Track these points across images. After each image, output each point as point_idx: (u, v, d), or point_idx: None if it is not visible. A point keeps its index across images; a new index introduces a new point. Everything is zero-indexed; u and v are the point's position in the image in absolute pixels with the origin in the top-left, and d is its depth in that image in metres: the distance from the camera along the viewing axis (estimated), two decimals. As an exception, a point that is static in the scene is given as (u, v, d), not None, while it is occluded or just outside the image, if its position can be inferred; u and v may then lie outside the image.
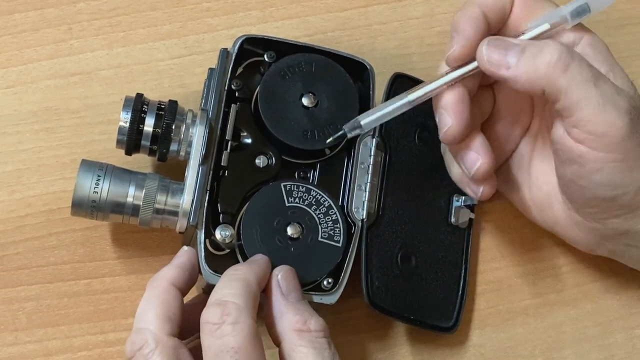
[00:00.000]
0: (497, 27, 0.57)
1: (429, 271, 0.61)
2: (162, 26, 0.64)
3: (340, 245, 0.57)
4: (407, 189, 0.61)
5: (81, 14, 0.64)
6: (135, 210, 0.55)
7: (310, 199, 0.57)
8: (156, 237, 0.60)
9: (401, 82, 0.62)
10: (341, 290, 0.56)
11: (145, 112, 0.56)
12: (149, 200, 0.55)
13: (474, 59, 0.56)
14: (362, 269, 0.58)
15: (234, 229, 0.56)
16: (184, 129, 0.56)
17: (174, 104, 0.57)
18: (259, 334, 0.50)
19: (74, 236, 0.60)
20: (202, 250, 0.55)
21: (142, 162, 0.60)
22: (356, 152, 0.59)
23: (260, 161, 0.58)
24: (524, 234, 0.65)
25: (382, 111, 0.56)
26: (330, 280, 0.56)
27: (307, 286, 0.56)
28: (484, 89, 0.60)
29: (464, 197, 0.61)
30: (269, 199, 0.57)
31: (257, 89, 0.59)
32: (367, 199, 0.59)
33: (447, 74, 0.56)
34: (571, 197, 0.58)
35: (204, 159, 0.56)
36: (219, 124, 0.57)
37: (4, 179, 0.60)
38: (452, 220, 0.62)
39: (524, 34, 0.56)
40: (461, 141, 0.56)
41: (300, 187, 0.57)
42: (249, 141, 0.58)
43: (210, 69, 0.59)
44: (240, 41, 0.59)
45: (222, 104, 0.58)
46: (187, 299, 0.55)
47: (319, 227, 0.57)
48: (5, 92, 0.62)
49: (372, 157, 0.59)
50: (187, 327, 0.53)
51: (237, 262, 0.56)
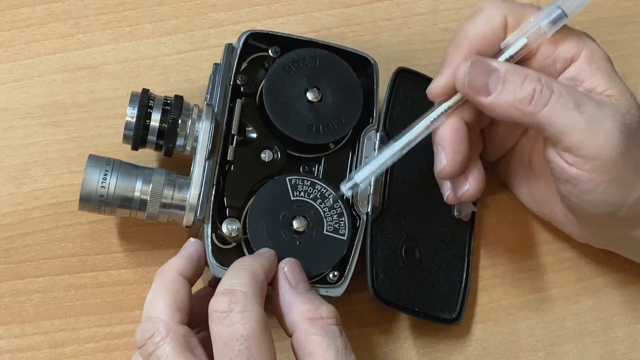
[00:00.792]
0: (493, 52, 0.56)
1: (433, 264, 0.61)
2: (169, 21, 0.64)
3: (345, 238, 0.57)
4: (411, 182, 0.61)
5: (88, 9, 0.64)
6: (142, 204, 0.56)
7: (315, 192, 0.58)
8: (162, 230, 0.60)
9: (404, 77, 0.62)
10: (347, 282, 0.57)
11: (151, 107, 0.56)
12: (156, 194, 0.55)
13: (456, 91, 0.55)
14: (367, 262, 0.58)
15: (240, 222, 0.56)
16: (190, 124, 0.57)
17: (180, 99, 0.57)
18: (268, 322, 0.50)
19: (81, 229, 0.60)
20: (209, 244, 0.55)
21: (148, 157, 0.60)
22: (360, 145, 0.60)
23: (265, 155, 0.59)
24: (526, 229, 0.65)
25: (375, 164, 0.56)
26: (336, 273, 0.57)
27: (313, 279, 0.56)
28: None
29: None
30: (275, 193, 0.57)
31: (262, 83, 0.59)
32: (372, 193, 0.59)
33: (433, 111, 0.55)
34: (569, 208, 0.58)
35: (210, 154, 0.56)
36: (224, 119, 0.58)
37: (11, 172, 0.60)
38: (455, 213, 0.62)
39: (504, 51, 0.55)
40: (456, 177, 0.56)
41: (305, 181, 0.58)
42: (254, 136, 0.59)
43: (215, 64, 0.59)
44: (244, 36, 0.59)
45: (228, 99, 0.58)
46: (192, 291, 0.56)
47: (324, 220, 0.57)
48: (12, 86, 0.62)
49: (376, 150, 0.60)
50: (192, 319, 0.53)
51: (243, 255, 0.56)
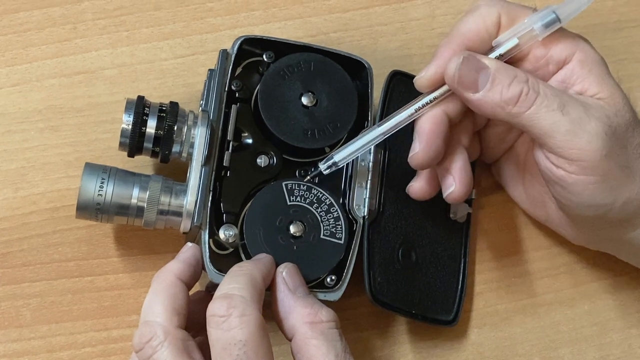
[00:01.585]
0: (485, 49, 0.56)
1: (429, 266, 0.61)
2: (166, 26, 0.65)
3: (342, 242, 0.57)
4: (406, 185, 0.61)
5: (86, 13, 0.64)
6: (139, 211, 0.56)
7: (311, 197, 0.58)
8: (159, 235, 0.60)
9: (399, 80, 0.62)
10: (344, 286, 0.57)
11: (147, 115, 0.56)
12: (153, 201, 0.56)
13: (443, 84, 0.55)
14: (365, 266, 0.58)
15: (237, 228, 0.56)
16: (185, 131, 0.57)
17: (175, 105, 0.57)
18: (266, 326, 0.50)
19: (78, 234, 0.60)
20: (207, 250, 0.55)
21: (144, 163, 0.60)
22: None
23: (261, 161, 0.59)
24: (521, 234, 0.65)
25: (355, 145, 0.57)
26: (333, 277, 0.57)
27: (311, 284, 0.56)
28: None
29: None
30: (271, 198, 0.57)
31: (257, 89, 0.59)
32: (368, 196, 0.59)
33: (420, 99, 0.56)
34: (561, 210, 0.58)
35: (206, 160, 0.56)
36: (220, 125, 0.58)
37: (9, 177, 0.60)
38: (451, 215, 0.62)
39: (495, 49, 0.55)
40: (428, 167, 0.57)
41: (301, 186, 0.58)
42: (250, 141, 0.59)
43: (209, 70, 0.59)
44: (239, 42, 0.59)
45: (223, 105, 0.58)
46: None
47: (321, 225, 0.57)
48: (10, 91, 0.62)
49: (372, 154, 0.60)
50: (189, 323, 0.53)
51: (241, 261, 0.56)
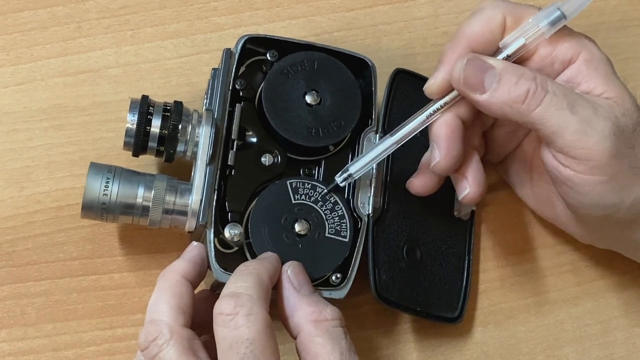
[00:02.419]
0: (491, 51, 0.56)
1: (434, 263, 0.61)
2: (170, 25, 0.65)
3: (347, 240, 0.57)
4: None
5: (90, 13, 0.64)
6: (144, 211, 0.56)
7: (316, 195, 0.58)
8: (164, 234, 0.60)
9: (402, 78, 0.62)
10: (350, 284, 0.57)
11: (151, 114, 0.56)
12: (158, 201, 0.56)
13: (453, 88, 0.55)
14: (370, 263, 0.58)
15: (242, 227, 0.56)
16: (190, 130, 0.57)
17: (179, 104, 0.57)
18: (273, 325, 0.50)
19: (83, 232, 0.60)
20: (212, 249, 0.55)
21: (148, 163, 0.61)
22: (360, 147, 0.60)
23: (266, 159, 0.59)
24: (525, 232, 0.65)
25: (370, 156, 0.57)
26: (338, 275, 0.57)
27: (316, 282, 0.56)
28: None
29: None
30: (276, 196, 0.57)
31: (261, 87, 0.60)
32: (372, 194, 0.59)
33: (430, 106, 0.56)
34: (569, 209, 0.58)
35: (211, 159, 0.56)
36: (224, 124, 0.58)
37: (13, 176, 0.60)
38: (455, 212, 0.63)
39: (502, 50, 0.55)
40: (452, 173, 0.57)
41: (306, 184, 0.58)
42: (254, 140, 0.59)
43: (213, 69, 0.59)
44: (242, 41, 0.59)
45: (227, 104, 0.58)
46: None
47: (326, 223, 0.57)
48: (14, 90, 0.62)
49: (376, 152, 0.60)
50: (193, 322, 0.53)
51: (246, 259, 0.56)
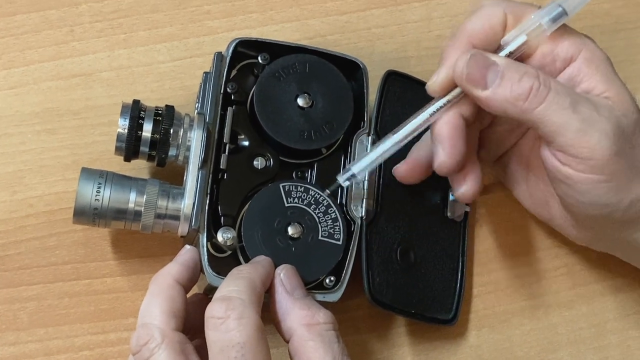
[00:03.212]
0: (492, 49, 0.56)
1: (428, 265, 0.61)
2: (163, 28, 0.64)
3: (340, 243, 0.57)
4: (404, 185, 0.61)
5: (83, 16, 0.64)
6: (137, 216, 0.55)
7: (309, 198, 0.58)
8: (156, 238, 0.60)
9: (394, 80, 0.62)
10: (343, 287, 0.57)
11: (142, 118, 0.56)
12: (151, 205, 0.55)
13: (455, 86, 0.55)
14: (363, 266, 0.58)
15: (235, 230, 0.56)
16: (181, 134, 0.57)
17: (171, 109, 0.57)
18: (264, 329, 0.50)
19: (75, 237, 0.60)
20: (205, 253, 0.55)
21: (140, 167, 0.60)
22: (353, 150, 0.60)
23: (258, 163, 0.59)
24: (520, 236, 0.65)
25: (372, 156, 0.57)
26: (332, 278, 0.57)
27: (310, 285, 0.56)
28: None
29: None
30: (269, 200, 0.57)
31: (252, 91, 0.59)
32: (365, 197, 0.59)
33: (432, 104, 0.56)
34: (566, 209, 0.58)
35: (203, 163, 0.56)
36: (216, 128, 0.58)
37: (5, 180, 0.60)
38: (448, 214, 0.62)
39: (503, 48, 0.55)
40: (455, 172, 0.57)
41: (298, 187, 0.58)
42: (246, 143, 0.59)
43: (205, 73, 0.59)
44: (233, 44, 0.59)
45: (219, 108, 0.58)
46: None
47: (319, 226, 0.57)
48: (7, 93, 0.62)
49: (368, 154, 0.60)
50: (185, 326, 0.53)
51: (239, 263, 0.56)
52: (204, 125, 0.57)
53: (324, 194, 0.58)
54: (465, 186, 0.57)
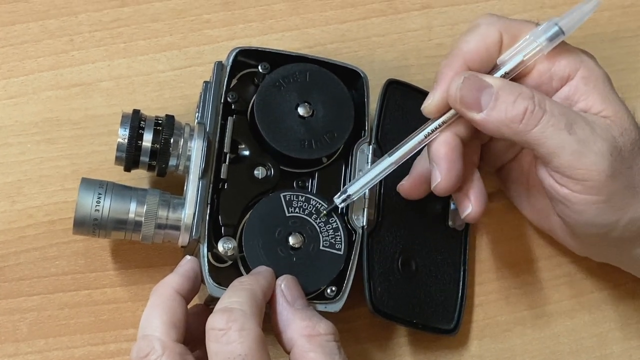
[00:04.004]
0: (487, 69, 0.55)
1: (429, 275, 0.61)
2: (163, 37, 0.64)
3: (342, 253, 0.57)
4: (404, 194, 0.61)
5: (82, 25, 0.64)
6: (137, 226, 0.55)
7: (310, 208, 0.58)
8: (157, 248, 0.60)
9: (394, 89, 0.62)
10: (345, 297, 0.57)
11: (143, 128, 0.56)
12: (151, 215, 0.55)
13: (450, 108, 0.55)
14: (365, 276, 0.58)
15: (236, 240, 0.56)
16: (182, 144, 0.57)
17: (171, 118, 0.57)
18: (265, 341, 0.50)
19: (75, 247, 0.60)
20: (206, 263, 0.55)
21: (140, 177, 0.60)
22: (353, 159, 0.60)
23: (259, 172, 0.59)
24: (521, 245, 0.65)
25: (368, 177, 0.57)
26: (333, 288, 0.57)
27: (311, 295, 0.56)
28: None
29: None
30: (270, 209, 0.57)
31: (253, 100, 0.59)
32: (366, 206, 0.59)
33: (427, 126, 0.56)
34: (566, 225, 0.58)
35: (204, 173, 0.56)
36: (216, 137, 0.58)
37: (5, 190, 0.60)
38: (449, 223, 0.62)
39: (499, 68, 0.55)
40: (452, 193, 0.56)
41: (299, 197, 0.58)
42: (246, 153, 0.59)
43: (205, 82, 0.59)
44: (234, 53, 0.59)
45: (219, 117, 0.58)
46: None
47: (320, 235, 0.57)
48: (6, 103, 0.62)
49: (369, 163, 0.60)
50: (186, 337, 0.52)
51: (240, 273, 0.56)
52: (204, 134, 0.57)
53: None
54: (471, 206, 0.56)
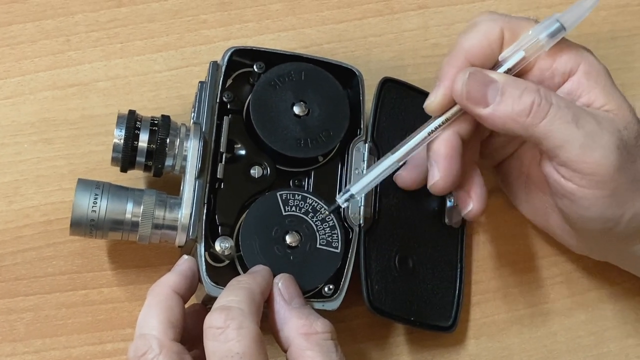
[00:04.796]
0: (489, 65, 0.55)
1: (426, 272, 0.61)
2: (160, 38, 0.64)
3: (339, 251, 0.57)
4: (401, 192, 0.61)
5: (79, 26, 0.64)
6: (134, 226, 0.55)
7: (306, 206, 0.58)
8: (154, 248, 0.60)
9: (390, 87, 0.62)
10: (342, 295, 0.57)
11: (138, 129, 0.56)
12: (148, 215, 0.55)
13: (454, 105, 0.55)
14: (362, 274, 0.58)
15: (233, 240, 0.56)
16: (178, 144, 0.56)
17: (167, 118, 0.57)
18: (263, 339, 0.50)
19: (72, 247, 0.60)
20: (203, 263, 0.55)
21: (136, 178, 0.60)
22: (349, 157, 0.60)
23: (255, 171, 0.59)
24: (518, 244, 0.65)
25: (370, 176, 0.57)
26: (331, 286, 0.57)
27: (308, 293, 0.56)
28: None
29: (456, 197, 0.62)
30: (266, 208, 0.57)
31: (248, 99, 0.59)
32: (363, 204, 0.59)
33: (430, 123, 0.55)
34: (567, 222, 0.58)
35: (200, 173, 0.56)
36: (212, 137, 0.57)
37: (2, 190, 0.60)
38: (446, 220, 0.62)
39: (501, 65, 0.55)
40: (449, 192, 0.56)
41: (296, 196, 0.58)
42: (243, 152, 0.59)
43: (200, 82, 0.59)
44: (229, 53, 0.59)
45: (215, 117, 0.58)
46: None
47: (317, 234, 0.57)
48: (3, 103, 0.62)
49: (365, 162, 0.60)
50: (183, 336, 0.52)
51: (237, 273, 0.56)
52: (200, 134, 0.57)
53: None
54: (472, 203, 0.57)
